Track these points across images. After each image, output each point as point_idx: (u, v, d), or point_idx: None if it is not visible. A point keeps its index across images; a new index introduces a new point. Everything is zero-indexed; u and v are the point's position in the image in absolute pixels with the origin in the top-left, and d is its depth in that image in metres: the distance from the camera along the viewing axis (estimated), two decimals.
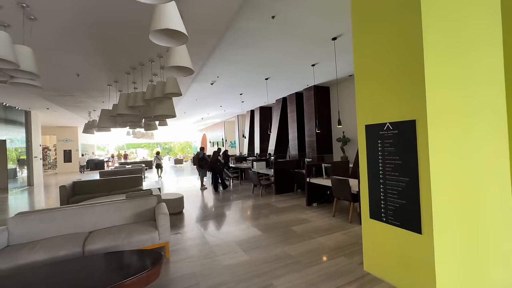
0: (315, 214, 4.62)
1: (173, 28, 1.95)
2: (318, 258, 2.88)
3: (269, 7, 3.46)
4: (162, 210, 3.17)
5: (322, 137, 8.16)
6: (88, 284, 1.88)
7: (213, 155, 7.94)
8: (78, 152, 16.98)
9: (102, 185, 6.08)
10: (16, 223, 2.75)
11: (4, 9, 2.86)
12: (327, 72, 6.77)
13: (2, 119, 8.97)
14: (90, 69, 5.30)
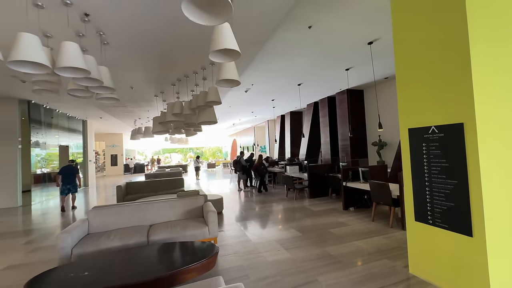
0: (352, 218, 4.62)
1: (230, 48, 2.25)
2: (360, 259, 2.94)
3: (306, 18, 3.66)
4: (210, 208, 3.49)
5: (356, 141, 8.02)
6: (160, 267, 2.21)
7: (258, 159, 8.33)
8: (123, 157, 18.66)
9: (149, 186, 6.72)
10: (93, 215, 3.27)
11: (87, 37, 3.47)
12: (361, 76, 6.72)
13: (66, 127, 10.35)
14: (142, 83, 5.98)
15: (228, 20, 1.82)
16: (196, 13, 1.75)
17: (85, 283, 1.93)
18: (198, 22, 1.76)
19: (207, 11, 1.78)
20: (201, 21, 1.79)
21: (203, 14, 1.77)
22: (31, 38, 2.28)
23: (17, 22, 3.09)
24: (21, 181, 7.48)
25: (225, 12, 1.76)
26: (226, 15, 1.76)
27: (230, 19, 1.81)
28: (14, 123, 7.44)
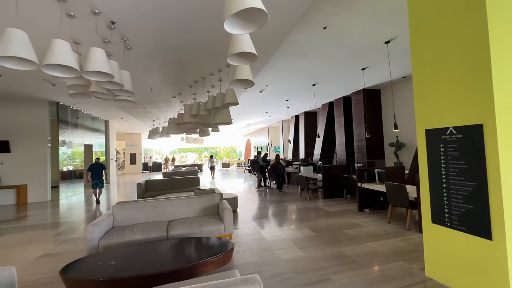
0: (368, 220, 4.57)
1: (248, 51, 2.34)
2: (375, 260, 2.93)
3: (321, 19, 3.68)
4: (226, 206, 3.61)
5: (373, 142, 7.87)
6: (180, 259, 2.35)
7: (275, 159, 8.43)
8: (141, 156, 19.38)
9: (167, 184, 6.98)
10: (118, 210, 3.49)
11: (112, 43, 3.70)
12: (378, 75, 6.60)
13: (90, 127, 10.95)
14: (161, 84, 6.24)
15: (262, 26, 1.90)
16: (236, 25, 1.85)
17: (113, 271, 2.10)
18: (235, 33, 1.86)
19: (244, 20, 1.87)
20: (239, 31, 1.90)
21: (241, 23, 1.87)
22: (63, 44, 2.50)
23: (51, 30, 3.36)
24: (50, 178, 8.02)
25: (260, 20, 1.84)
26: (262, 23, 1.84)
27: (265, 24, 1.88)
28: (44, 123, 7.99)
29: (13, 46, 2.17)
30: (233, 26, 1.91)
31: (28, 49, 2.26)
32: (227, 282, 1.27)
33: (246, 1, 1.69)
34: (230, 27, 1.88)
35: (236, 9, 1.70)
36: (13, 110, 7.75)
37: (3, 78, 5.57)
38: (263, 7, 1.73)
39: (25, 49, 2.24)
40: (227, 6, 1.76)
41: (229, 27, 1.87)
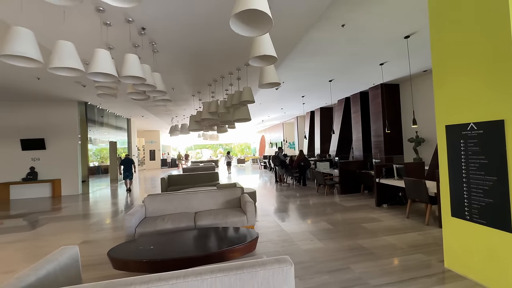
0: (386, 215, 4.62)
1: (269, 54, 2.50)
2: (394, 252, 3.03)
3: (340, 17, 3.75)
4: (248, 199, 3.81)
5: (391, 137, 7.78)
6: (211, 245, 2.58)
7: (299, 155, 8.62)
8: (160, 152, 20.12)
9: (188, 178, 7.32)
10: (149, 202, 3.79)
11: (141, 47, 3.97)
12: (397, 70, 6.52)
13: (113, 125, 11.55)
14: (182, 84, 6.52)
15: (268, 32, 2.05)
16: (242, 28, 2.01)
17: (153, 254, 2.36)
18: (243, 34, 2.02)
19: (251, 25, 2.03)
20: (246, 33, 2.06)
21: (247, 28, 2.03)
22: (104, 53, 2.77)
23: (90, 37, 3.68)
24: (81, 172, 8.63)
25: (265, 25, 2.00)
26: (267, 28, 2.00)
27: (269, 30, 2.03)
28: (74, 122, 8.58)
29: (65, 57, 2.46)
30: (240, 27, 2.04)
31: (76, 59, 2.55)
32: (263, 261, 1.45)
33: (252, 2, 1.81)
34: (236, 27, 2.01)
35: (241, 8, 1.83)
36: (47, 110, 8.38)
37: (41, 81, 6.08)
38: (269, 12, 1.84)
39: (74, 60, 2.53)
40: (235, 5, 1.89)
41: (236, 27, 2.00)
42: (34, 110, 8.30)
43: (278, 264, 1.45)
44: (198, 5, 3.03)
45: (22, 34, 2.22)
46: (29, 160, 8.23)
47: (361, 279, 2.44)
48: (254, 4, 1.71)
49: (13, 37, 2.18)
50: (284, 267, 1.45)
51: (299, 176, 8.70)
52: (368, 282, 2.39)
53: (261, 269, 1.41)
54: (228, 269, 1.38)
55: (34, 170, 8.19)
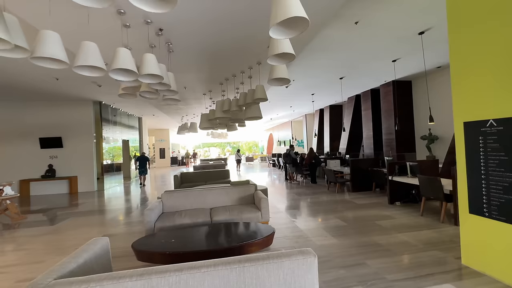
0: (399, 212, 4.61)
1: (288, 52, 2.54)
2: (409, 249, 3.04)
3: (353, 15, 3.75)
4: (262, 195, 3.88)
5: (403, 135, 7.70)
6: (230, 239, 2.66)
7: (310, 152, 8.67)
8: (169, 150, 20.43)
9: (200, 176, 7.45)
10: (166, 198, 3.91)
11: (157, 47, 4.08)
12: (409, 67, 6.44)
13: (126, 124, 11.82)
14: (194, 83, 6.63)
15: (303, 31, 2.09)
16: (279, 32, 2.07)
17: (175, 247, 2.46)
18: (279, 38, 2.08)
19: (286, 28, 2.08)
20: (282, 36, 2.11)
21: (285, 30, 2.09)
22: (126, 51, 2.87)
23: (109, 37, 3.81)
24: (96, 170, 8.90)
25: (301, 26, 2.04)
26: (303, 28, 2.04)
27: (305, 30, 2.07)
28: (89, 121, 8.84)
29: (89, 56, 2.58)
30: (277, 32, 2.11)
31: (99, 58, 2.66)
32: (287, 252, 1.52)
33: (292, 11, 1.89)
34: (275, 33, 2.09)
35: (281, 18, 1.91)
36: (64, 109, 8.67)
37: (59, 81, 6.30)
38: (306, 16, 1.91)
39: (97, 59, 2.64)
40: (273, 14, 1.97)
41: (274, 33, 2.08)
42: (52, 109, 8.60)
43: (302, 256, 1.51)
44: (214, 4, 3.10)
45: (51, 37, 2.33)
46: (48, 158, 8.55)
47: (378, 274, 2.48)
48: (294, 12, 1.79)
49: (42, 40, 2.30)
50: (308, 258, 1.50)
51: (310, 174, 8.72)
52: (385, 277, 2.42)
53: (286, 259, 1.48)
54: (255, 259, 1.45)
55: (52, 167, 8.50)
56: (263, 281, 1.42)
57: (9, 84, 6.33)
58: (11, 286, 2.56)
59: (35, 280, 1.30)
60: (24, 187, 8.23)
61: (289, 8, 1.88)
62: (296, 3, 1.91)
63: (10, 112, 8.34)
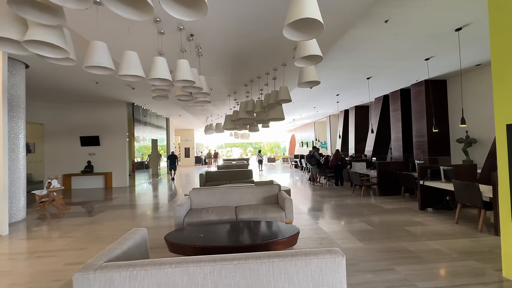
0: (431, 219, 4.37)
1: (315, 54, 2.57)
2: (442, 257, 2.89)
3: (383, 13, 3.65)
4: (286, 196, 3.91)
5: (436, 138, 7.25)
6: (255, 236, 2.74)
7: (336, 154, 8.60)
8: (194, 150, 21.16)
9: (224, 175, 7.65)
10: (194, 195, 4.10)
11: (188, 52, 4.30)
12: (444, 65, 6.07)
13: (154, 124, 12.49)
14: (220, 85, 6.85)
15: (318, 35, 2.12)
16: (294, 34, 2.12)
17: (204, 241, 2.60)
18: (294, 40, 2.13)
19: (302, 30, 2.13)
20: (297, 38, 2.16)
21: (298, 33, 2.13)
22: (162, 60, 3.09)
23: (144, 44, 4.10)
24: (128, 167, 9.52)
25: (316, 30, 2.08)
26: (318, 32, 2.07)
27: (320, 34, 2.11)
28: (123, 121, 9.49)
29: (132, 66, 2.82)
30: (292, 33, 2.14)
31: (139, 66, 2.89)
32: (315, 251, 1.55)
33: (305, 11, 1.91)
34: (289, 34, 2.12)
35: (295, 18, 1.93)
36: (101, 110, 9.41)
37: (99, 85, 6.86)
38: (320, 18, 1.92)
39: (138, 68, 2.88)
40: (288, 14, 2.00)
41: (288, 33, 2.11)
42: (91, 110, 9.37)
43: (330, 255, 1.53)
44: (242, 9, 3.21)
45: (100, 47, 2.59)
46: (87, 154, 9.33)
47: (407, 280, 2.40)
48: (308, 13, 1.82)
49: (93, 50, 2.56)
50: (336, 258, 1.52)
51: (335, 176, 8.55)
52: (415, 284, 2.34)
53: (314, 257, 1.51)
54: (284, 255, 1.51)
55: (91, 163, 9.26)
56: (291, 276, 1.47)
57: (56, 88, 7.03)
58: (61, 268, 2.87)
59: (89, 261, 1.48)
60: (67, 181, 9.05)
61: (304, 9, 1.89)
62: (312, 5, 1.92)
63: (57, 113, 9.23)
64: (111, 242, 3.64)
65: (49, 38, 1.82)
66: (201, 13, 1.80)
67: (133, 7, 1.72)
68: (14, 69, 4.92)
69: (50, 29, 1.86)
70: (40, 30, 1.81)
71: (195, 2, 1.77)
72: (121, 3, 1.68)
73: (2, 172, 4.19)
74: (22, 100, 5.10)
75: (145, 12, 1.71)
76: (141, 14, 1.77)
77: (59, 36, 1.91)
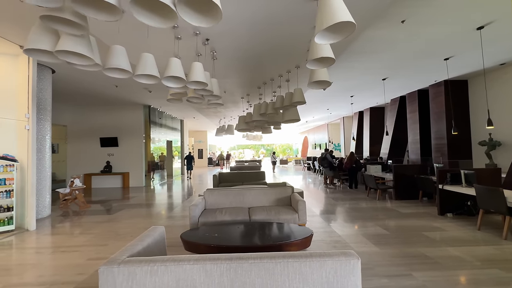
0: (451, 225, 4.21)
1: (327, 56, 2.57)
2: (463, 264, 2.79)
3: (399, 13, 3.58)
4: (299, 198, 3.91)
5: (456, 140, 6.97)
6: (269, 237, 2.77)
7: (351, 156, 8.50)
8: (207, 151, 21.47)
9: (237, 176, 7.73)
10: (208, 195, 4.19)
11: (203, 56, 4.42)
12: (465, 65, 5.84)
13: (169, 126, 12.81)
14: (233, 87, 6.95)
15: (349, 35, 2.13)
16: (325, 37, 2.15)
17: (218, 241, 2.65)
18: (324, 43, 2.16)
19: (333, 32, 2.15)
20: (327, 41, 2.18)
21: (330, 35, 2.16)
22: (177, 61, 3.20)
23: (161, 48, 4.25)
24: (144, 167, 9.82)
25: (348, 30, 2.09)
26: (349, 32, 2.08)
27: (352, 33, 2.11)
28: (140, 123, 9.81)
29: (148, 66, 2.94)
30: (323, 38, 2.17)
31: (155, 68, 3.01)
32: (329, 253, 1.56)
33: (338, 16, 1.93)
34: (320, 39, 2.16)
35: (327, 24, 1.96)
36: (120, 112, 9.79)
37: (118, 88, 7.15)
38: (353, 20, 1.94)
39: (153, 68, 3.00)
40: (319, 21, 2.03)
41: (319, 39, 2.15)
42: (110, 112, 9.77)
43: (344, 257, 1.53)
44: (257, 10, 3.26)
45: (119, 51, 2.73)
46: (106, 155, 9.72)
47: (425, 287, 2.34)
48: (341, 17, 1.85)
49: (112, 54, 2.70)
50: (351, 260, 1.52)
51: (349, 178, 8.42)
52: None
53: (328, 259, 1.52)
54: (298, 256, 1.53)
55: (109, 164, 9.63)
56: (306, 277, 1.49)
57: (79, 91, 7.40)
58: (84, 262, 3.03)
59: (114, 256, 1.56)
60: (87, 180, 9.47)
61: (336, 13, 1.92)
62: (342, 8, 1.95)
63: (79, 115, 9.70)
64: (129, 239, 3.79)
65: (78, 48, 1.95)
66: (215, 19, 1.87)
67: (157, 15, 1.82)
68: (42, 74, 5.24)
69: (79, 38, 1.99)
70: (70, 40, 1.94)
71: (210, 9, 1.85)
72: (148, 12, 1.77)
73: (31, 171, 4.47)
74: (48, 103, 5.42)
75: (169, 19, 1.80)
76: (165, 21, 1.86)
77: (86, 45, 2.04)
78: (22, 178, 4.45)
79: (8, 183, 4.22)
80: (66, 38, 1.94)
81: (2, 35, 3.92)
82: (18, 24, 3.58)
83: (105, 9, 1.82)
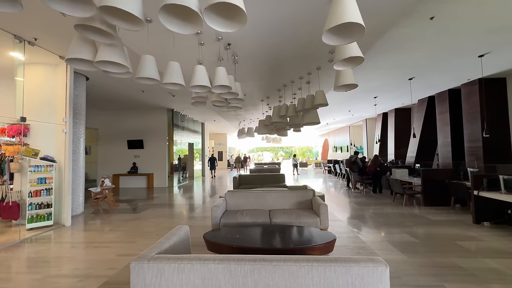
0: (489, 234, 3.89)
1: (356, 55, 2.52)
2: (502, 278, 2.56)
3: (427, 10, 3.42)
4: (321, 201, 3.83)
5: (493, 143, 6.44)
6: (290, 241, 2.75)
7: (375, 160, 8.27)
8: (227, 153, 21.79)
9: (256, 179, 7.75)
10: (229, 196, 4.25)
11: (224, 60, 4.52)
12: (503, 61, 5.41)
13: (191, 129, 13.19)
14: (253, 90, 7.02)
15: (359, 38, 2.09)
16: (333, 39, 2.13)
17: (240, 242, 2.68)
18: (333, 44, 2.13)
19: (342, 35, 2.12)
20: (336, 43, 2.16)
21: (338, 38, 2.13)
22: (201, 68, 3.30)
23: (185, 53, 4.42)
24: (168, 169, 10.19)
25: (357, 33, 2.05)
26: (359, 36, 2.05)
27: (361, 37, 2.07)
28: (164, 126, 10.22)
29: (174, 75, 3.07)
30: (331, 38, 2.13)
31: (180, 76, 3.14)
32: (356, 258, 1.52)
33: (345, 15, 1.89)
34: (328, 39, 2.12)
35: (336, 23, 1.92)
36: (145, 116, 10.27)
37: (144, 93, 7.52)
38: (362, 22, 1.88)
39: (179, 77, 3.12)
40: (328, 20, 2.00)
41: (327, 39, 2.11)
42: (136, 116, 10.29)
43: (372, 263, 1.48)
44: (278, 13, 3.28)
45: (149, 61, 2.88)
46: (132, 157, 10.23)
47: None
48: (349, 17, 1.81)
49: (143, 63, 2.85)
50: (378, 267, 1.47)
51: (373, 183, 8.11)
52: None
53: (354, 265, 1.48)
54: (323, 260, 1.51)
55: (136, 165, 10.13)
56: (330, 282, 1.46)
57: (109, 97, 7.90)
58: (113, 258, 3.21)
59: (143, 252, 1.64)
60: (116, 180, 10.02)
61: (344, 13, 1.88)
62: (352, 8, 1.90)
63: (109, 119, 10.33)
64: (155, 237, 3.95)
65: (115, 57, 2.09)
66: (241, 24, 1.92)
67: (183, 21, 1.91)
68: (77, 81, 5.67)
69: (115, 48, 2.14)
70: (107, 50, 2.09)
71: (235, 14, 1.90)
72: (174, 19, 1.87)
73: (67, 171, 4.84)
74: (83, 108, 5.84)
75: (195, 25, 1.88)
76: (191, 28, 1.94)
77: (122, 54, 2.19)
78: (59, 178, 4.83)
79: (48, 182, 4.59)
80: (104, 48, 2.10)
81: (45, 47, 4.31)
82: (58, 36, 3.92)
83: (129, 19, 1.93)
